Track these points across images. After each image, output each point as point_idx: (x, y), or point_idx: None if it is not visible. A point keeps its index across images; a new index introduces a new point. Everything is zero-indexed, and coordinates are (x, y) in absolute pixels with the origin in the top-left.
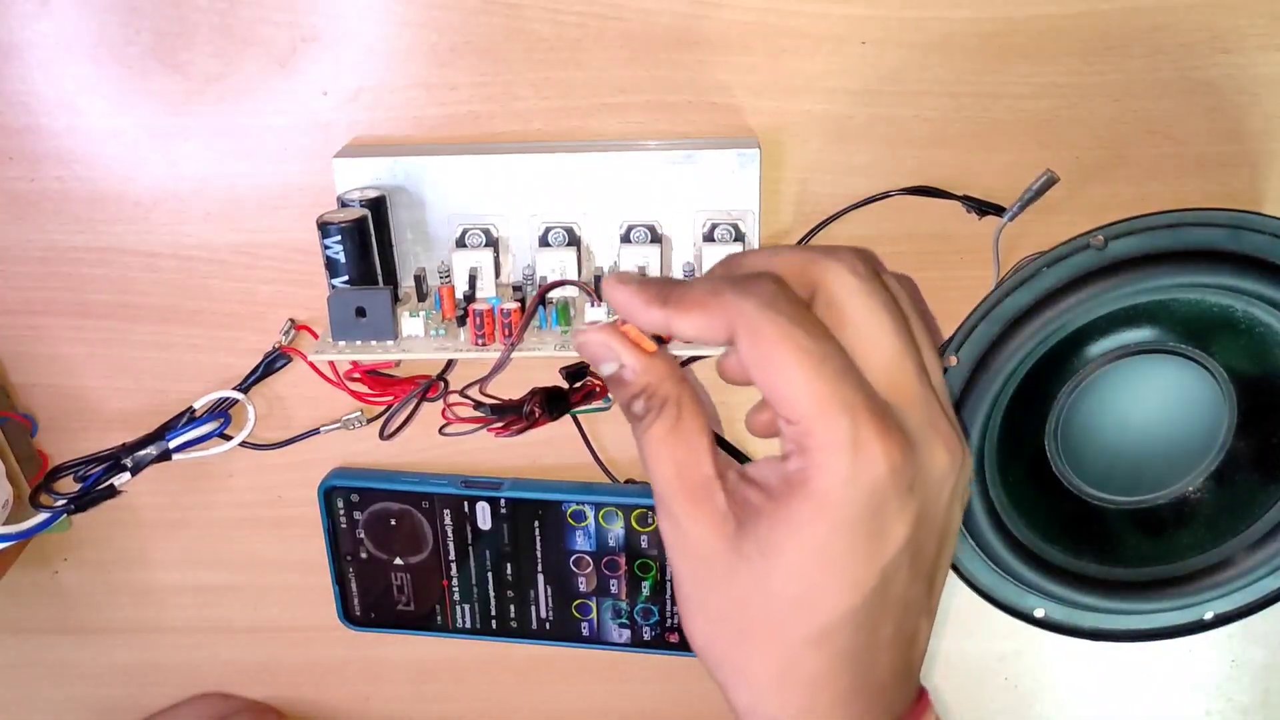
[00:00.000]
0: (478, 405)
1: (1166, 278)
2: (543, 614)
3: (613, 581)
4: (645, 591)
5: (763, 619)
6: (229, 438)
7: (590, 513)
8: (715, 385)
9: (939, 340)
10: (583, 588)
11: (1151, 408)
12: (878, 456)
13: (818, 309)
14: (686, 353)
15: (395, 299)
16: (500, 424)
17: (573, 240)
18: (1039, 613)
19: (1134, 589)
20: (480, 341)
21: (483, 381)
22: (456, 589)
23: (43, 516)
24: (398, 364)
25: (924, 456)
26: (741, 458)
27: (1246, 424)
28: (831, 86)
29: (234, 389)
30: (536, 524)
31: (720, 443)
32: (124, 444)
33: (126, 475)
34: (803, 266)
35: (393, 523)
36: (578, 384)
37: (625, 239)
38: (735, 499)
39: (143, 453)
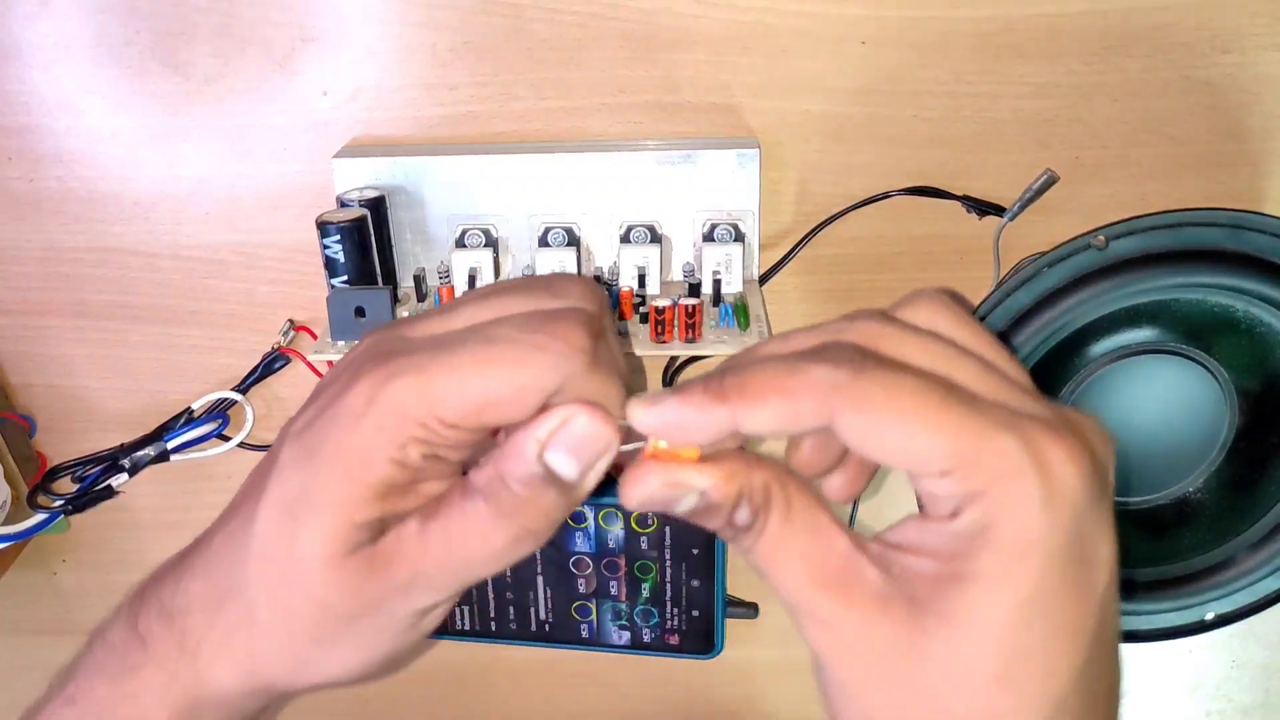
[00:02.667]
0: None
1: (1167, 278)
2: (542, 616)
3: (612, 583)
4: (645, 593)
5: (975, 702)
6: (227, 439)
7: (590, 514)
8: None
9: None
10: (582, 589)
11: (1153, 408)
12: (1064, 462)
13: None
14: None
15: (395, 299)
16: None
17: (572, 240)
18: None
19: (1135, 589)
20: None
21: None
22: None
23: (41, 517)
24: None
25: (1096, 448)
26: None
27: (1247, 424)
28: (831, 86)
29: (233, 390)
30: None
31: None
32: (122, 445)
33: (125, 476)
34: (835, 334)
35: None
36: None
37: (625, 239)
38: (893, 574)
39: (141, 453)
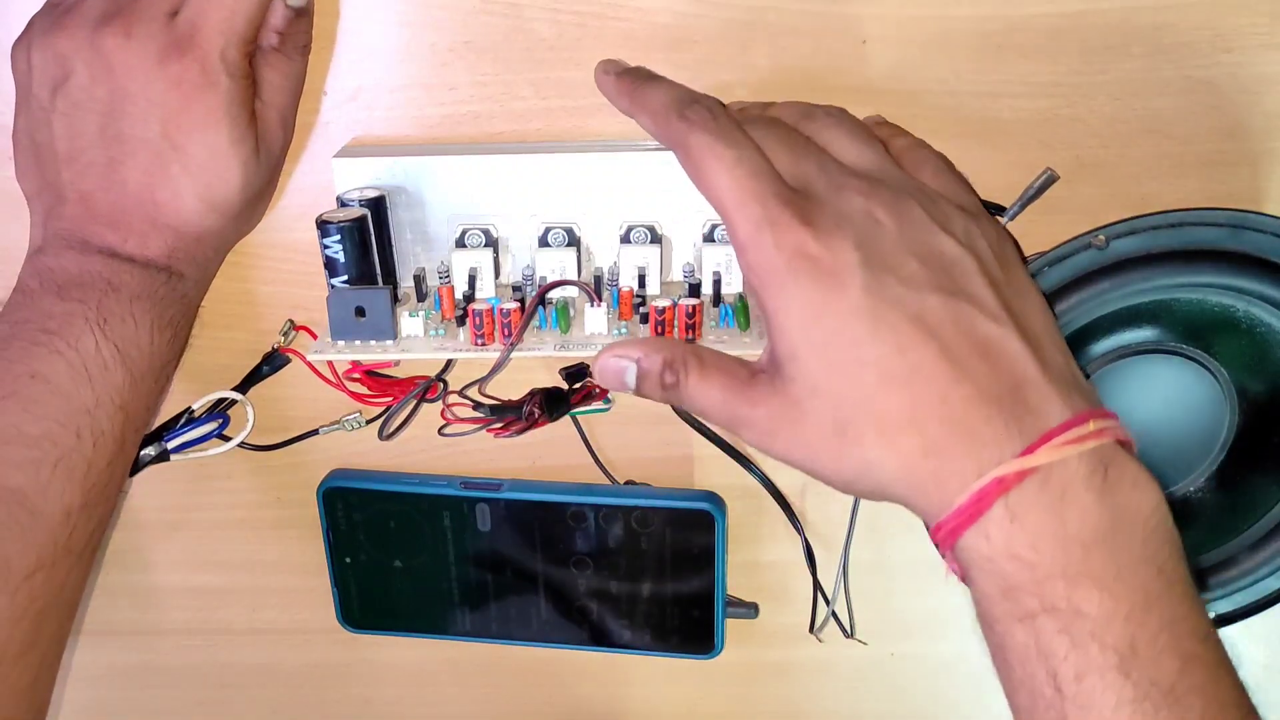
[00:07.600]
0: (477, 406)
1: (1168, 277)
2: (542, 616)
3: (612, 583)
4: (645, 593)
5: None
6: (227, 438)
7: (590, 514)
8: None
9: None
10: (582, 589)
11: (1152, 408)
12: (823, 273)
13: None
14: None
15: (395, 298)
16: (499, 425)
17: (572, 240)
18: None
19: None
20: (480, 342)
21: (482, 382)
22: (456, 591)
23: None
24: (397, 364)
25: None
26: (746, 462)
27: (1247, 424)
28: (831, 86)
29: (232, 389)
30: (536, 525)
31: (725, 447)
32: None
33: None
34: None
35: (392, 524)
36: (577, 385)
37: (625, 239)
38: (773, 369)
39: (141, 453)
